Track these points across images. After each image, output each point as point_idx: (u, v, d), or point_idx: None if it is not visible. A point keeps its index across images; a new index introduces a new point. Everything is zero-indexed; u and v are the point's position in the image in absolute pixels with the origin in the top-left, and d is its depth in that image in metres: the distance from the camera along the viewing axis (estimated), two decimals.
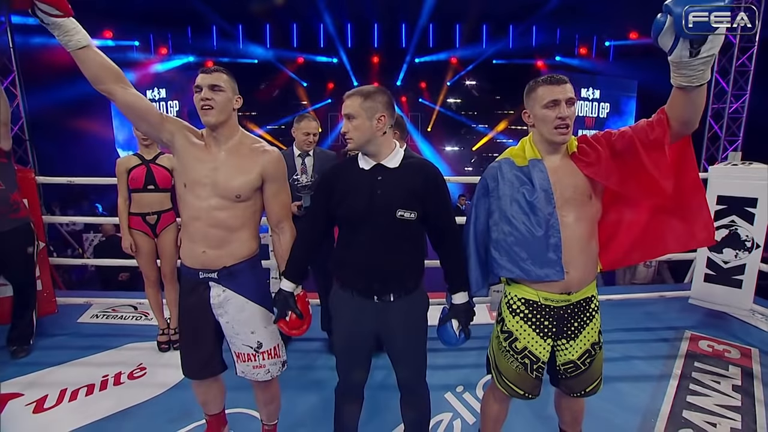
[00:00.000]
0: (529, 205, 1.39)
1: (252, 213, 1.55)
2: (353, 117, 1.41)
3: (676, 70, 1.21)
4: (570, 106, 1.35)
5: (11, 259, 2.57)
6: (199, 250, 1.50)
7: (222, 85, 1.47)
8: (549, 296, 1.42)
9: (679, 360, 2.61)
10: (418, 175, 1.45)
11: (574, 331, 1.46)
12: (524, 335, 1.46)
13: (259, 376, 1.62)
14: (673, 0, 1.11)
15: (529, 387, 1.50)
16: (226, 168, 1.48)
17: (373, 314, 1.49)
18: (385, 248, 1.43)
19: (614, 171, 1.38)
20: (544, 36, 11.69)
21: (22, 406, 2.19)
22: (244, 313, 1.55)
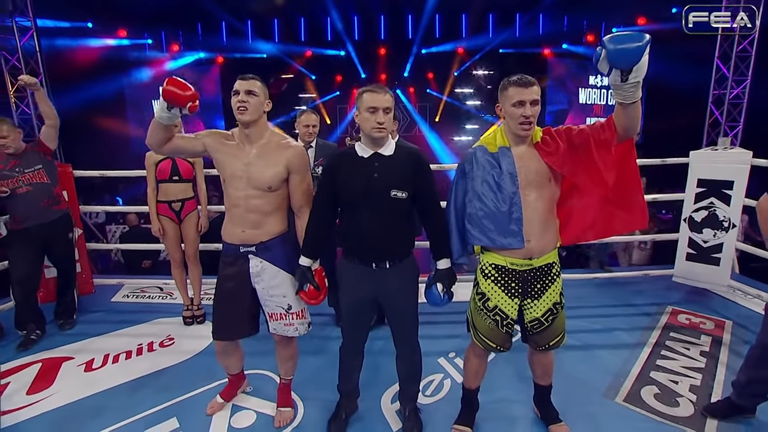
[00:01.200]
0: (496, 185, 1.65)
1: (282, 199, 1.83)
2: (391, 110, 1.65)
3: (615, 90, 1.49)
4: (534, 106, 1.59)
5: (56, 245, 2.91)
6: (239, 230, 1.80)
7: (256, 90, 1.74)
8: (514, 261, 1.69)
9: (657, 331, 2.84)
10: (408, 161, 1.72)
11: (538, 291, 1.72)
12: (495, 295, 1.73)
13: (289, 332, 1.92)
14: (607, 38, 1.40)
15: (500, 341, 1.76)
16: (258, 163, 1.75)
17: (372, 279, 1.76)
18: (381, 223, 1.70)
19: (569, 161, 1.63)
20: (551, 24, 11.64)
21: (74, 366, 2.56)
22: (276, 279, 1.84)
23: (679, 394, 2.18)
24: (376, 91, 1.66)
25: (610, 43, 1.38)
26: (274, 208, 1.81)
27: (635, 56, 1.37)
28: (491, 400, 2.12)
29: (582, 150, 1.62)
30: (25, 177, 2.74)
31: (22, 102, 6.07)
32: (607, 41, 1.39)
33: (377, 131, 1.64)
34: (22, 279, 2.78)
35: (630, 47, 1.37)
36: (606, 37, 1.40)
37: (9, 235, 2.79)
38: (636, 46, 1.36)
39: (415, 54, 11.83)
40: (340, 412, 2.01)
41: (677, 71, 8.98)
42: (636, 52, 1.36)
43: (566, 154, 1.63)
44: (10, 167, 2.71)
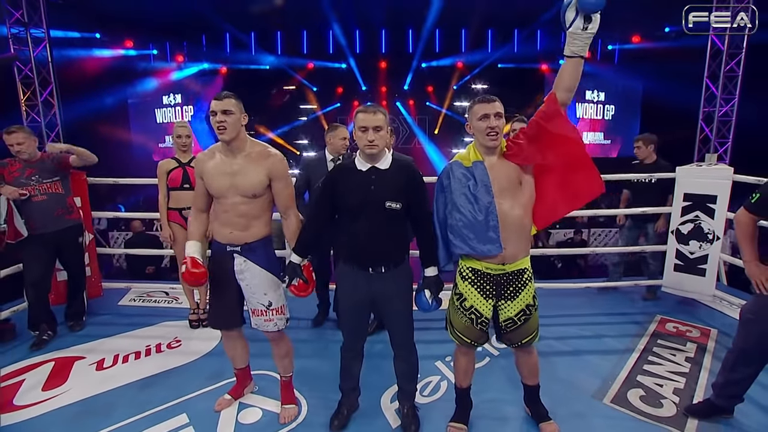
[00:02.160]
0: (473, 197, 1.79)
1: (267, 204, 1.99)
2: (381, 129, 1.78)
3: (572, 41, 1.69)
4: (497, 119, 1.76)
5: (67, 249, 3.03)
6: (227, 231, 1.96)
7: (231, 108, 1.86)
8: (489, 266, 1.83)
9: (645, 338, 2.96)
10: (403, 174, 1.87)
11: (511, 293, 1.85)
12: (471, 296, 1.87)
13: (268, 327, 2.05)
14: None
15: (475, 336, 1.91)
16: (241, 173, 1.90)
17: (369, 283, 1.90)
18: (376, 232, 1.84)
19: (534, 150, 1.78)
20: (548, 40, 11.93)
21: (86, 365, 2.67)
22: (258, 278, 1.98)
23: (663, 396, 2.30)
24: (367, 110, 1.80)
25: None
26: (260, 213, 1.97)
27: (602, 1, 1.58)
28: (485, 401, 2.23)
29: (540, 135, 1.78)
30: (42, 186, 2.86)
31: (32, 110, 6.23)
32: None
33: (368, 148, 1.79)
34: (35, 281, 2.89)
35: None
36: None
37: (24, 239, 2.90)
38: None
39: (415, 67, 12.07)
40: (341, 409, 2.12)
41: (670, 89, 9.23)
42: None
43: (528, 147, 1.79)
44: (26, 176, 2.84)
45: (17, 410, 2.25)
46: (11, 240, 2.84)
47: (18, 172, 2.83)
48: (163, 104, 11.03)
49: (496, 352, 2.77)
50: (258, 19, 10.04)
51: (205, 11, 9.22)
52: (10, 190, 2.75)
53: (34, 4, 6.06)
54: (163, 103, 11.02)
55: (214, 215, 2.02)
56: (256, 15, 8.97)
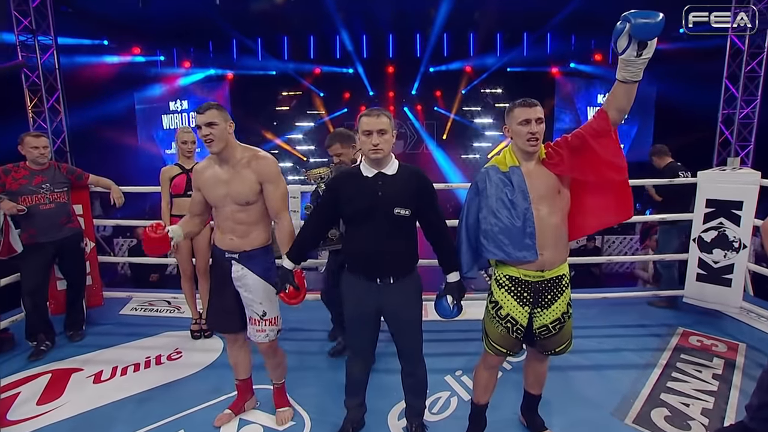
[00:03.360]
0: (510, 203, 1.72)
1: (264, 211, 1.95)
2: (386, 132, 1.72)
3: (624, 67, 1.59)
4: (539, 124, 1.69)
5: (67, 257, 2.97)
6: (227, 238, 1.94)
7: (215, 120, 1.82)
8: (527, 273, 1.75)
9: (667, 352, 2.80)
10: (411, 180, 1.78)
11: (548, 301, 1.77)
12: (507, 304, 1.78)
13: (259, 338, 1.99)
14: (631, 12, 1.52)
15: (511, 345, 1.82)
16: (234, 181, 1.88)
17: (376, 294, 1.80)
18: (384, 239, 1.75)
19: (575, 165, 1.71)
20: (558, 43, 11.80)
21: (83, 378, 2.58)
22: (255, 286, 1.95)
23: (690, 417, 2.15)
24: (371, 114, 1.73)
25: (635, 17, 1.49)
26: (257, 219, 1.94)
27: (657, 29, 1.49)
28: (497, 417, 2.09)
29: (583, 150, 1.70)
30: (53, 195, 2.84)
31: (39, 117, 6.25)
32: (631, 16, 1.50)
33: (373, 152, 1.72)
34: (32, 290, 2.82)
35: (653, 21, 1.49)
36: (628, 13, 1.51)
37: (24, 253, 2.83)
38: (658, 20, 1.49)
39: (423, 72, 12.01)
40: (346, 426, 2.01)
41: (686, 91, 9.03)
42: (658, 25, 1.49)
43: (570, 159, 1.72)
44: (35, 183, 2.79)
45: (11, 425, 2.17)
46: (3, 256, 2.77)
47: (25, 180, 2.77)
48: (170, 110, 11.09)
49: (509, 366, 2.63)
50: (264, 24, 10.05)
51: (212, 17, 9.25)
52: (9, 206, 2.68)
53: (42, 12, 6.10)
54: (170, 109, 11.09)
55: (216, 223, 2.00)
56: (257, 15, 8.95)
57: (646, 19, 1.49)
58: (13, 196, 2.74)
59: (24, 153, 2.81)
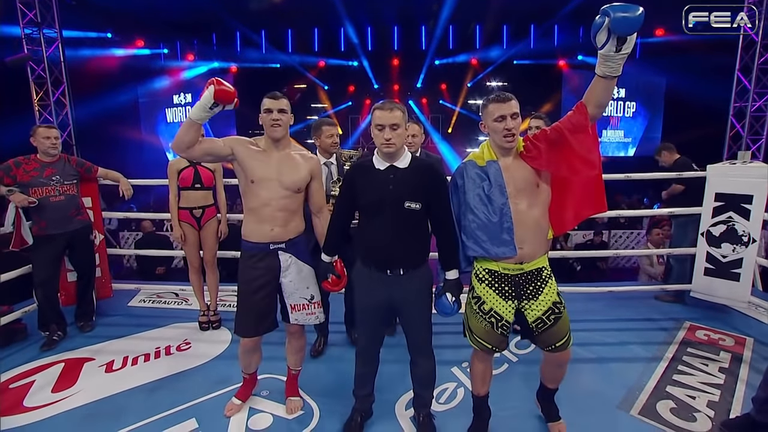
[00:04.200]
0: (487, 198, 1.72)
1: (301, 201, 2.05)
2: (399, 126, 1.72)
3: (604, 62, 1.57)
4: (514, 119, 1.69)
5: (78, 249, 3.02)
6: (267, 228, 1.95)
7: (286, 108, 1.93)
8: (506, 266, 1.75)
9: (673, 346, 2.81)
10: (423, 174, 1.79)
11: (532, 292, 1.76)
12: (489, 298, 1.78)
13: (310, 320, 2.09)
14: (610, 6, 1.47)
15: (496, 341, 1.81)
16: (286, 168, 1.95)
17: (387, 285, 1.82)
18: (395, 232, 1.76)
19: (552, 159, 1.71)
20: (566, 35, 11.64)
21: (95, 367, 2.63)
22: (302, 272, 2.03)
23: (696, 409, 2.15)
24: (383, 108, 1.74)
25: (614, 11, 1.46)
26: (297, 208, 2.02)
27: (637, 23, 1.44)
28: (504, 409, 2.12)
29: (560, 144, 1.70)
30: (63, 187, 2.88)
31: (45, 110, 6.28)
32: (610, 9, 1.46)
33: (385, 147, 1.73)
34: (43, 281, 2.87)
35: (633, 15, 1.44)
36: (608, 6, 1.47)
37: (35, 245, 2.88)
38: (638, 14, 1.45)
39: (429, 65, 11.92)
40: (355, 416, 2.04)
41: (697, 83, 8.90)
42: (638, 19, 1.44)
43: (548, 153, 1.71)
44: (46, 175, 2.82)
45: (27, 412, 2.22)
46: (15, 248, 2.82)
47: (36, 172, 2.81)
48: (173, 103, 11.08)
49: (515, 359, 2.65)
50: (269, 16, 9.99)
51: (216, 9, 9.21)
52: (20, 198, 2.72)
53: (47, 5, 6.10)
54: (174, 103, 11.07)
55: (249, 213, 1.98)
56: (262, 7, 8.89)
57: (625, 13, 1.45)
58: (24, 188, 2.77)
59: (36, 144, 2.84)
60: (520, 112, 1.72)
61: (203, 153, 1.90)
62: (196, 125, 1.81)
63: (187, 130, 1.81)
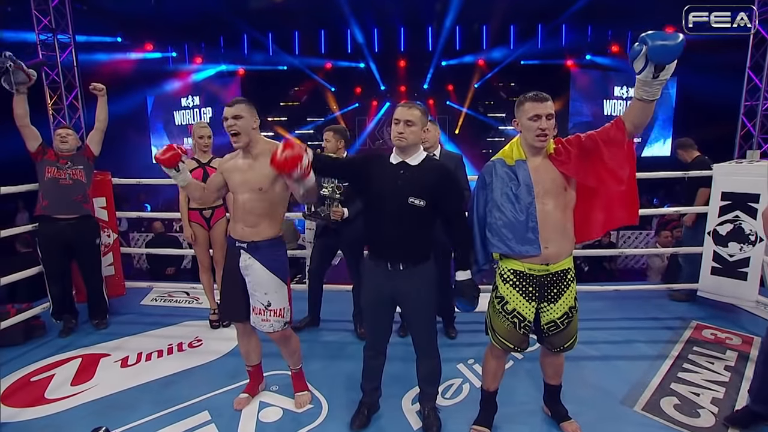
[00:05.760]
0: (514, 196, 1.75)
1: (275, 204, 2.02)
2: (413, 124, 1.80)
3: (641, 87, 1.57)
4: (549, 120, 1.69)
5: (81, 246, 3.05)
6: (239, 226, 2.02)
7: (242, 113, 1.93)
8: (532, 267, 1.77)
9: (679, 344, 2.81)
10: (432, 173, 1.85)
11: (554, 296, 1.80)
12: (513, 298, 1.81)
13: (264, 327, 2.06)
14: (647, 34, 1.48)
15: (518, 341, 1.84)
16: (252, 170, 1.99)
17: (388, 279, 1.87)
18: (397, 227, 1.82)
19: (581, 167, 1.72)
20: (574, 35, 11.57)
21: (111, 362, 2.72)
22: (261, 277, 2.02)
23: (700, 405, 2.17)
24: (404, 105, 1.83)
25: (652, 39, 1.46)
26: (268, 211, 2.01)
27: (676, 52, 1.45)
28: (509, 404, 2.15)
29: (593, 153, 1.72)
30: (72, 172, 2.99)
31: (59, 114, 6.42)
32: (648, 38, 1.46)
33: (396, 139, 1.82)
34: (53, 273, 3.00)
35: (671, 44, 1.45)
36: (646, 34, 1.47)
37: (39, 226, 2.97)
38: (677, 43, 1.45)
39: (435, 66, 11.90)
40: (362, 409, 2.08)
41: (707, 82, 8.80)
42: (677, 48, 1.45)
43: (578, 160, 1.73)
44: (61, 163, 2.97)
45: (48, 403, 2.30)
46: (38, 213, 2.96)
47: (53, 156, 2.96)
48: (181, 106, 11.19)
49: (521, 356, 2.67)
50: (275, 19, 10.06)
51: (223, 13, 9.30)
52: None
53: (61, 11, 6.24)
54: (182, 105, 11.18)
55: (231, 213, 2.12)
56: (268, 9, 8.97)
57: (664, 41, 1.44)
58: (41, 164, 2.94)
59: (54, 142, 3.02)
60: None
61: (216, 192, 2.14)
62: (189, 187, 2.09)
63: (191, 193, 2.14)
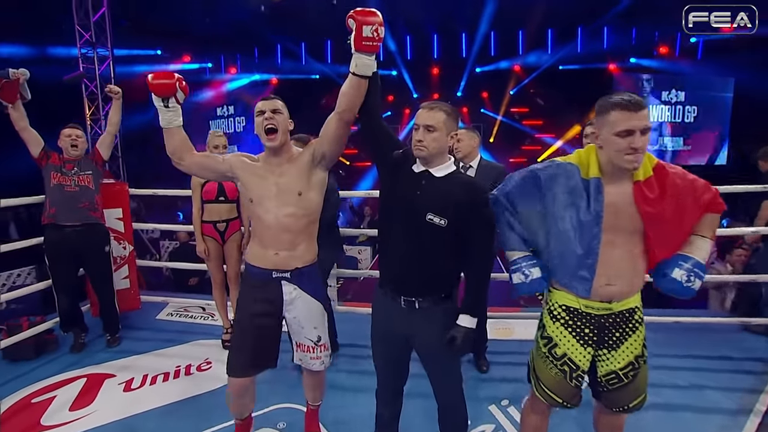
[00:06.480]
0: (578, 222, 1.38)
1: (314, 219, 1.73)
2: (435, 129, 1.50)
3: None
4: (644, 135, 1.29)
5: (90, 254, 2.93)
6: (271, 252, 1.67)
7: (281, 108, 1.68)
8: (590, 304, 1.42)
9: (765, 395, 2.33)
10: (461, 189, 1.53)
11: (616, 341, 1.44)
12: (564, 341, 1.46)
13: (315, 366, 1.80)
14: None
15: (568, 395, 1.48)
16: (286, 176, 1.68)
17: (401, 317, 1.56)
18: (413, 250, 1.51)
19: (665, 217, 1.35)
20: (616, 37, 10.94)
21: (115, 385, 2.59)
22: (309, 309, 1.74)
23: None
24: (425, 106, 1.54)
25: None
26: (305, 228, 1.70)
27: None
28: None
29: (681, 203, 1.36)
30: (78, 178, 2.86)
31: (96, 124, 6.60)
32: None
33: (416, 149, 1.52)
34: (60, 285, 2.89)
35: None
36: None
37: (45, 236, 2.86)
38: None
39: (469, 72, 11.61)
40: None
41: None
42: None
43: (666, 205, 1.34)
44: (67, 168, 2.84)
45: (44, 431, 2.17)
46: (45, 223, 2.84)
47: (58, 161, 2.83)
48: (216, 115, 11.46)
49: None
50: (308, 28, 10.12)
51: (258, 24, 9.43)
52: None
53: (102, 26, 6.46)
54: (217, 114, 11.45)
55: (253, 235, 1.78)
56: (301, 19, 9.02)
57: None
58: (46, 169, 2.81)
59: (59, 144, 2.87)
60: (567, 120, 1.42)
61: (199, 167, 1.77)
62: (170, 131, 1.68)
63: (167, 139, 1.70)
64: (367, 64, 1.55)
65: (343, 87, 1.60)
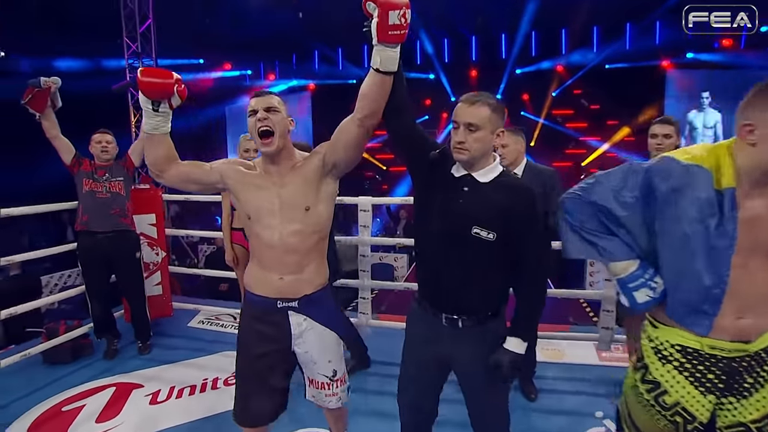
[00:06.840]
0: (706, 245, 1.08)
1: (323, 236, 1.49)
2: (478, 128, 1.29)
3: None
4: None
5: (121, 261, 2.92)
6: (275, 277, 1.43)
7: (277, 106, 1.43)
8: (717, 344, 1.12)
9: None
10: (507, 195, 1.30)
11: (748, 387, 1.13)
12: (677, 388, 1.17)
13: (330, 404, 1.58)
14: None
15: None
16: (290, 185, 1.43)
17: (441, 337, 1.35)
18: (456, 264, 1.31)
19: None
20: (670, 31, 10.18)
21: (142, 396, 2.53)
22: (323, 342, 1.51)
23: None
24: (465, 100, 1.31)
25: None
26: (314, 246, 1.45)
27: None
28: None
29: None
30: (110, 184, 2.87)
31: (140, 131, 6.87)
32: None
33: (456, 152, 1.31)
34: (93, 291, 2.90)
35: None
36: None
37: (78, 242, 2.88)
38: None
39: (509, 74, 11.22)
40: None
41: None
42: None
43: None
44: (98, 175, 2.86)
45: None
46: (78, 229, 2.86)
47: (90, 167, 2.85)
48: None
49: None
50: (345, 33, 10.16)
51: (296, 30, 9.56)
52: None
53: (147, 37, 6.71)
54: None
55: (252, 257, 1.54)
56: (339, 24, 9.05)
57: None
58: (78, 176, 2.83)
59: (90, 150, 2.88)
60: (614, 123, 1.14)
61: (181, 179, 1.47)
62: (154, 138, 1.40)
63: (148, 148, 1.42)
64: (393, 57, 1.24)
65: (363, 87, 1.32)
